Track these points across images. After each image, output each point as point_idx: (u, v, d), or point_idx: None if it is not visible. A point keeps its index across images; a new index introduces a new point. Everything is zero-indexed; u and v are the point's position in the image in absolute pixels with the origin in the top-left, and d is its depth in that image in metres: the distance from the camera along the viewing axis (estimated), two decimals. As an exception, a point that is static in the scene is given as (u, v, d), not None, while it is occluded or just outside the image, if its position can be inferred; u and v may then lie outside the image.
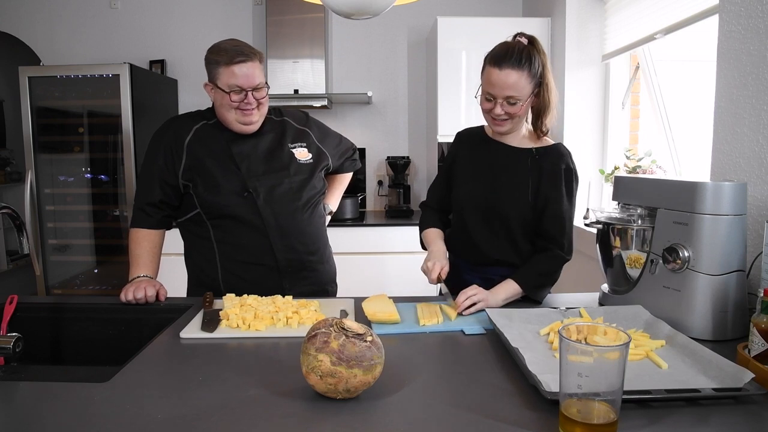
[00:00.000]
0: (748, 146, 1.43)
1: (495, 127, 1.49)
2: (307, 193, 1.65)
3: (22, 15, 3.71)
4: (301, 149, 1.70)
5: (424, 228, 1.66)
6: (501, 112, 1.42)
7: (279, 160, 1.64)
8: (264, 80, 1.58)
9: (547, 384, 0.86)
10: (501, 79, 1.38)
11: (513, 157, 1.51)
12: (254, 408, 0.86)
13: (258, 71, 1.55)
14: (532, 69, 1.39)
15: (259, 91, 1.56)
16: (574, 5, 2.89)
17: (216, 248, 1.60)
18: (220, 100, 1.56)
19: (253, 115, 1.57)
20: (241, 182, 1.57)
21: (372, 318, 1.26)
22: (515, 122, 1.46)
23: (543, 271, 1.45)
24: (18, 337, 1.07)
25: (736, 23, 1.48)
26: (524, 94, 1.40)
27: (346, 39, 3.74)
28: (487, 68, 1.42)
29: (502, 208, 1.49)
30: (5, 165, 4.17)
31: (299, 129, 1.74)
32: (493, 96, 1.41)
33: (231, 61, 1.51)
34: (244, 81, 1.52)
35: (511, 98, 1.40)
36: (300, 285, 1.62)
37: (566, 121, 2.96)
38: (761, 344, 0.96)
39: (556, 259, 1.47)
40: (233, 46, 1.54)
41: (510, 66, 1.37)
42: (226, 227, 1.58)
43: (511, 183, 1.50)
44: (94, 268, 3.38)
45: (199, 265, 1.65)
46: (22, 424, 0.82)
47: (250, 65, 1.52)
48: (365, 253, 3.19)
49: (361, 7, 1.64)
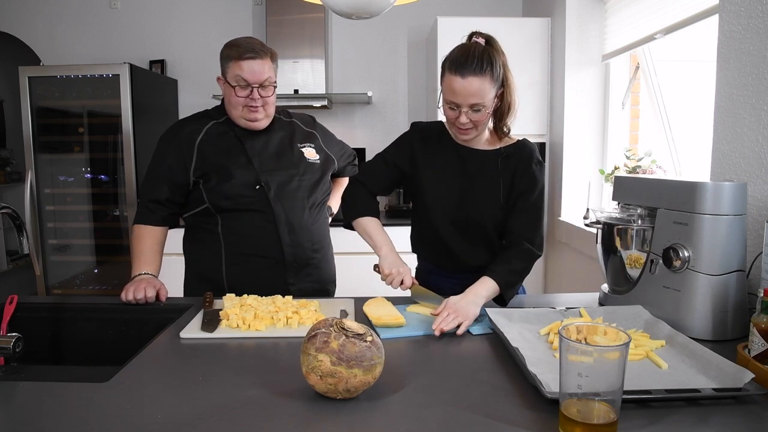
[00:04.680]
0: (748, 146, 1.43)
1: (460, 136, 1.44)
2: (315, 192, 1.68)
3: (22, 15, 3.71)
4: (310, 149, 1.72)
5: (360, 214, 1.53)
6: (466, 121, 1.37)
7: (289, 158, 1.66)
8: (273, 79, 1.59)
9: (547, 384, 0.86)
10: (464, 88, 1.32)
11: (482, 161, 1.47)
12: (254, 408, 0.86)
13: (267, 68, 1.56)
14: (494, 73, 1.34)
15: (265, 89, 1.57)
16: (574, 5, 2.89)
17: (222, 240, 1.61)
18: (228, 95, 1.58)
19: (258, 113, 1.58)
20: (253, 175, 1.59)
21: (377, 322, 1.25)
22: (480, 129, 1.42)
23: (516, 269, 1.40)
24: (18, 337, 1.07)
25: (736, 23, 1.48)
26: (488, 99, 1.35)
27: (346, 39, 3.74)
28: (448, 76, 1.35)
29: (477, 215, 1.46)
30: (5, 165, 4.18)
31: (307, 131, 1.77)
32: (457, 105, 1.36)
33: (240, 56, 1.53)
34: (249, 76, 1.54)
35: (475, 105, 1.35)
36: (302, 281, 1.64)
37: (566, 121, 2.96)
38: (761, 344, 0.96)
39: (528, 253, 1.42)
40: (246, 42, 1.56)
41: (472, 73, 1.32)
42: (236, 219, 1.60)
43: (483, 189, 1.46)
44: (94, 268, 3.38)
45: (202, 256, 1.65)
46: (22, 424, 0.82)
47: (259, 62, 1.54)
48: (365, 253, 3.18)
49: (361, 7, 1.64)
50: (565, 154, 2.99)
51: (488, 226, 1.47)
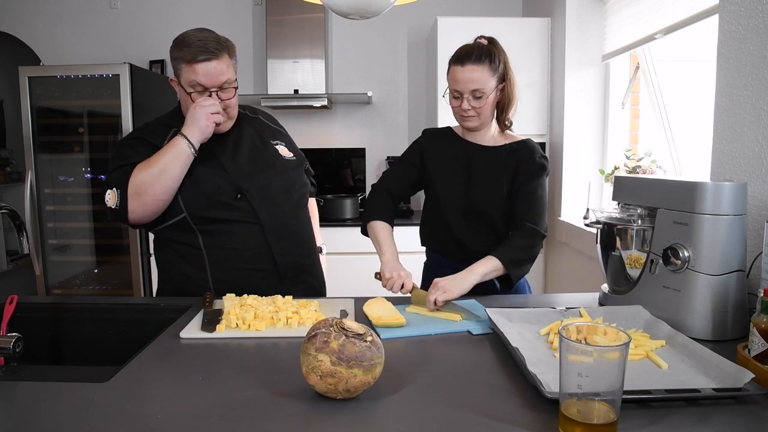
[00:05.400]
0: (748, 146, 1.43)
1: (464, 123, 1.57)
2: (296, 191, 1.60)
3: (22, 15, 3.71)
4: (282, 147, 1.64)
5: (373, 217, 1.60)
6: (468, 107, 1.51)
7: (263, 157, 1.57)
8: (233, 78, 1.45)
9: (547, 384, 0.86)
10: (465, 75, 1.48)
11: (487, 156, 1.59)
12: (254, 408, 0.86)
13: (224, 68, 1.42)
14: (492, 64, 1.49)
15: (225, 92, 1.44)
16: (574, 5, 2.89)
17: (206, 255, 1.49)
18: (185, 101, 1.45)
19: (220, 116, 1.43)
20: (230, 184, 1.47)
21: (377, 322, 1.24)
22: (483, 118, 1.54)
23: (519, 245, 1.48)
24: (18, 337, 1.07)
25: (736, 23, 1.48)
26: (488, 87, 1.49)
27: (346, 39, 3.74)
28: (451, 68, 1.52)
29: (482, 204, 1.56)
30: (5, 165, 4.18)
31: (275, 128, 1.70)
32: (460, 92, 1.51)
33: (194, 58, 1.38)
34: (206, 80, 1.40)
35: (476, 92, 1.49)
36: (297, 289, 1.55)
37: (566, 121, 2.96)
38: (761, 344, 0.96)
39: (532, 232, 1.51)
40: (199, 40, 1.39)
41: (471, 62, 1.48)
42: (218, 232, 1.48)
43: (487, 180, 1.56)
44: (94, 268, 3.38)
45: (184, 274, 1.52)
46: (22, 424, 0.82)
47: (215, 63, 1.39)
48: (365, 253, 3.18)
49: (361, 7, 1.64)
50: (565, 154, 2.99)
51: (494, 215, 1.56)
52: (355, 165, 3.82)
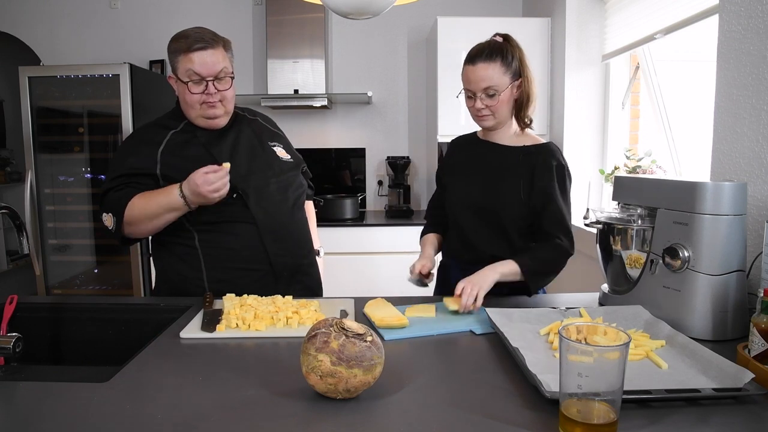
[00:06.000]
0: (748, 146, 1.43)
1: (480, 123, 1.55)
2: (293, 192, 1.60)
3: (22, 15, 3.71)
4: (280, 149, 1.65)
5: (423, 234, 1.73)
6: (482, 106, 1.49)
7: (261, 157, 1.57)
8: (229, 69, 1.48)
9: (547, 384, 0.86)
10: (476, 74, 1.47)
11: (502, 154, 1.55)
12: (254, 408, 0.86)
13: (220, 58, 1.45)
14: (504, 60, 1.47)
15: (221, 82, 1.46)
16: (574, 5, 2.89)
17: (201, 255, 1.50)
18: (182, 93, 1.47)
19: (217, 108, 1.47)
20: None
21: (379, 324, 1.24)
22: (499, 116, 1.51)
23: (543, 258, 1.46)
24: (18, 337, 1.07)
25: (736, 23, 1.48)
26: (501, 84, 1.46)
27: (346, 39, 3.74)
28: (464, 68, 1.51)
29: (493, 204, 1.52)
30: (5, 165, 4.18)
31: (273, 131, 1.70)
32: (473, 92, 1.49)
33: (190, 47, 1.42)
34: (202, 68, 1.42)
35: (488, 89, 1.46)
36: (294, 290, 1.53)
37: (566, 121, 2.96)
38: (761, 344, 0.96)
39: (559, 248, 1.47)
40: (195, 32, 1.45)
41: (482, 60, 1.46)
42: (213, 232, 1.49)
43: (501, 179, 1.53)
44: (94, 268, 3.38)
45: (181, 273, 1.53)
46: (22, 424, 0.82)
47: (210, 52, 1.43)
48: (365, 253, 3.19)
49: (361, 7, 1.64)
50: (565, 154, 2.96)
51: (504, 215, 1.51)
52: (354, 165, 3.82)
